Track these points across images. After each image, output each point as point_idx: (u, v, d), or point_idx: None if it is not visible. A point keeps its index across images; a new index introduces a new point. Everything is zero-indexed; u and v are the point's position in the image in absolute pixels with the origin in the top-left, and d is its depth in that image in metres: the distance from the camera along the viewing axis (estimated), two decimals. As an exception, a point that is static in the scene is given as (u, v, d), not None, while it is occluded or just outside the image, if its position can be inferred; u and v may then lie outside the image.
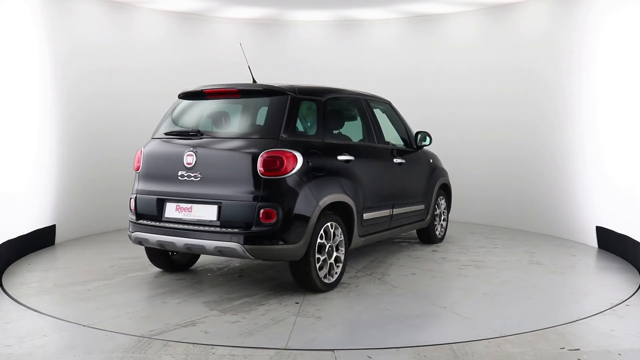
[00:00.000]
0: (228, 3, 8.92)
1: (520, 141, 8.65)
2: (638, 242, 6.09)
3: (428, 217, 7.30)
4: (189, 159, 5.10)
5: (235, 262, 6.41)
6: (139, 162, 5.54)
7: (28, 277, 5.78)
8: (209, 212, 4.99)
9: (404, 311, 4.74)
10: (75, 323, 4.38)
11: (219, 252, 4.94)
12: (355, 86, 6.77)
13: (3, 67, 6.27)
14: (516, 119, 8.68)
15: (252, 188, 4.84)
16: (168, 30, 9.31)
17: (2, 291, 5.25)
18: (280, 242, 4.81)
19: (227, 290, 5.29)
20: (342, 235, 5.40)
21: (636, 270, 6.04)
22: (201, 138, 5.21)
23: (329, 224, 5.19)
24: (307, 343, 3.98)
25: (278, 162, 4.84)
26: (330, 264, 5.29)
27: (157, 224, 5.22)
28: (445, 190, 7.83)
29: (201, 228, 4.97)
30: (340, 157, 5.47)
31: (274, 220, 4.77)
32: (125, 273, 5.91)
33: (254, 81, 5.81)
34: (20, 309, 4.75)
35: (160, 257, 5.84)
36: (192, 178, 5.08)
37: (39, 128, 7.10)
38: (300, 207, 4.89)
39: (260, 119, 5.42)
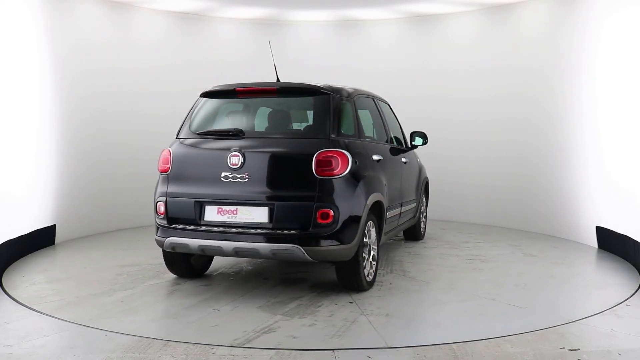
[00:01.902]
0: (228, 3, 8.92)
1: (520, 141, 8.65)
2: (638, 242, 6.09)
3: (417, 215, 7.48)
4: (235, 159, 4.89)
5: (244, 264, 6.30)
6: (167, 163, 5.21)
7: (37, 284, 5.77)
8: (259, 214, 4.82)
9: (462, 305, 4.91)
10: (75, 323, 4.37)
11: (273, 254, 4.78)
12: (356, 86, 6.77)
13: (3, 68, 6.27)
14: (516, 119, 8.68)
15: (307, 189, 4.75)
16: (168, 30, 9.31)
17: (2, 291, 5.25)
18: (336, 243, 4.76)
19: (270, 294, 5.15)
20: (375, 234, 5.42)
21: (636, 270, 6.04)
22: (243, 138, 5.07)
23: (369, 222, 5.19)
24: (411, 340, 4.04)
25: (333, 162, 4.79)
26: (369, 262, 5.30)
27: (197, 228, 4.96)
28: (426, 188, 7.97)
29: (252, 231, 4.78)
30: (374, 157, 5.51)
31: (330, 221, 4.71)
32: (142, 281, 5.60)
33: (278, 80, 5.73)
34: (20, 309, 4.75)
35: (181, 262, 5.55)
36: (239, 179, 4.87)
37: (39, 128, 7.10)
38: (353, 207, 4.85)
39: (305, 119, 5.39)
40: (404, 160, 6.65)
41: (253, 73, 9.65)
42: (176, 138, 5.41)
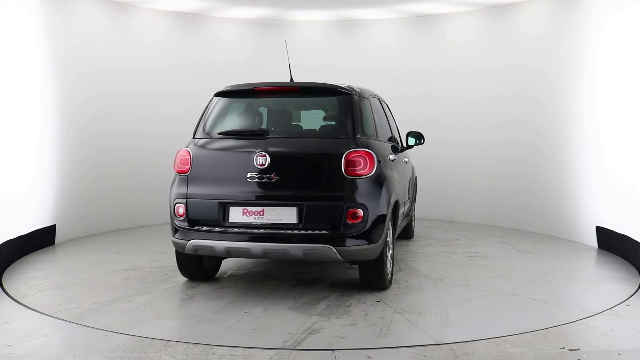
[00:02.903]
0: (228, 3, 8.92)
1: (520, 141, 8.65)
2: (638, 242, 6.09)
3: (411, 213, 7.58)
4: (261, 159, 4.81)
5: (250, 266, 6.25)
6: (186, 164, 5.09)
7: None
8: (287, 215, 4.78)
9: (487, 300, 5.03)
10: (75, 323, 4.37)
11: (304, 255, 4.75)
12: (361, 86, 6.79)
13: (3, 68, 6.27)
14: (516, 119, 8.68)
15: (337, 188, 4.76)
16: (168, 30, 9.31)
17: (2, 291, 5.25)
18: (365, 242, 4.77)
19: (293, 295, 5.12)
20: (392, 232, 5.44)
21: (636, 270, 6.04)
22: (267, 138, 5.03)
23: (389, 221, 5.22)
24: (459, 336, 4.10)
25: (362, 162, 4.80)
26: (389, 260, 5.32)
27: (222, 229, 4.88)
28: (415, 187, 8.06)
29: (281, 231, 4.75)
30: (390, 156, 5.54)
31: (360, 221, 4.73)
32: (154, 285, 5.47)
33: (292, 79, 5.70)
34: (20, 308, 4.75)
35: (195, 265, 5.43)
36: (266, 180, 4.80)
37: (39, 128, 7.09)
38: (380, 206, 4.87)
39: (328, 118, 5.39)
40: (405, 159, 6.74)
41: (253, 73, 9.65)
42: (193, 138, 5.30)
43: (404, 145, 7.00)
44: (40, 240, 7.02)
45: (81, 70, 7.92)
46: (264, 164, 4.81)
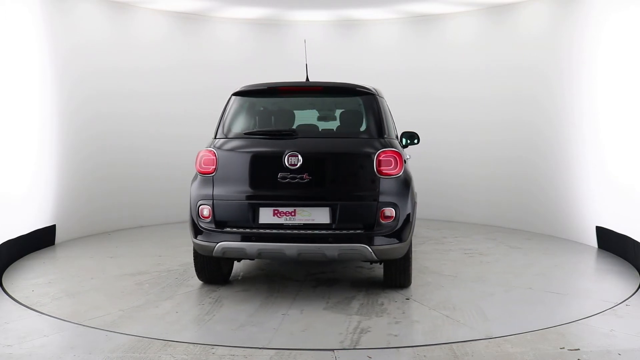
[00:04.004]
0: (228, 3, 8.92)
1: (520, 141, 8.64)
2: (638, 242, 6.08)
3: None
4: (293, 159, 4.79)
5: (259, 268, 6.17)
6: (212, 164, 4.95)
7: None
8: (320, 215, 4.77)
9: (511, 294, 5.21)
10: (75, 323, 4.37)
11: (339, 255, 4.77)
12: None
13: (3, 68, 6.27)
14: (516, 119, 8.67)
15: (370, 188, 4.82)
16: (168, 30, 9.30)
17: (2, 291, 5.25)
18: (396, 241, 4.81)
19: (320, 295, 5.13)
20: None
21: (636, 270, 6.04)
22: (296, 138, 5.01)
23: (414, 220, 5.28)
24: (513, 329, 4.24)
25: (392, 162, 4.86)
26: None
27: (253, 231, 4.81)
28: None
29: (315, 232, 4.73)
30: (407, 156, 5.61)
31: (392, 220, 4.78)
32: (172, 289, 5.32)
33: (307, 79, 5.70)
34: (20, 308, 4.75)
35: (215, 268, 5.34)
36: (298, 180, 4.78)
37: (39, 128, 7.09)
38: (408, 205, 4.92)
39: (355, 119, 5.42)
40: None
41: (253, 73, 9.66)
42: (215, 138, 5.20)
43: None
44: (40, 240, 7.02)
45: (81, 70, 7.92)
46: (296, 164, 4.79)
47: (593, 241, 7.25)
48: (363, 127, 5.20)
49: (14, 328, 4.27)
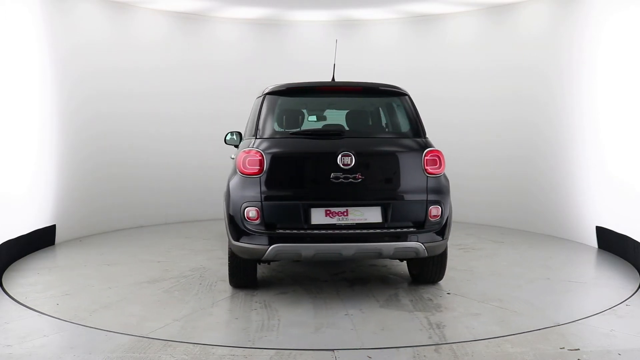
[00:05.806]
0: (228, 3, 8.92)
1: (520, 141, 8.64)
2: (638, 242, 6.09)
3: None
4: (347, 159, 4.79)
5: (273, 269, 6.01)
6: (259, 165, 4.80)
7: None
8: (371, 214, 4.81)
9: (536, 285, 5.48)
10: (74, 323, 4.37)
11: (394, 253, 4.89)
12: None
13: (3, 68, 6.27)
14: (516, 118, 8.68)
15: (420, 187, 4.93)
16: (168, 30, 9.30)
17: (2, 291, 5.25)
18: (440, 238, 4.97)
19: (361, 294, 5.17)
20: None
21: (636, 271, 6.04)
22: (345, 138, 5.04)
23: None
24: (572, 316, 4.51)
25: (437, 161, 4.99)
26: None
27: (306, 233, 4.73)
28: None
29: (370, 231, 4.75)
30: None
31: (439, 217, 4.94)
32: (211, 296, 5.08)
33: (333, 79, 5.71)
34: (20, 308, 4.75)
35: (252, 272, 5.20)
36: (352, 179, 4.79)
37: (39, 128, 7.09)
38: (449, 203, 5.09)
39: (396, 119, 5.48)
40: None
41: (253, 73, 9.68)
42: (255, 138, 5.04)
43: None
44: (40, 240, 7.02)
45: (81, 70, 7.92)
46: (349, 164, 4.80)
47: (593, 241, 7.25)
48: (406, 128, 5.28)
49: (14, 328, 4.27)
